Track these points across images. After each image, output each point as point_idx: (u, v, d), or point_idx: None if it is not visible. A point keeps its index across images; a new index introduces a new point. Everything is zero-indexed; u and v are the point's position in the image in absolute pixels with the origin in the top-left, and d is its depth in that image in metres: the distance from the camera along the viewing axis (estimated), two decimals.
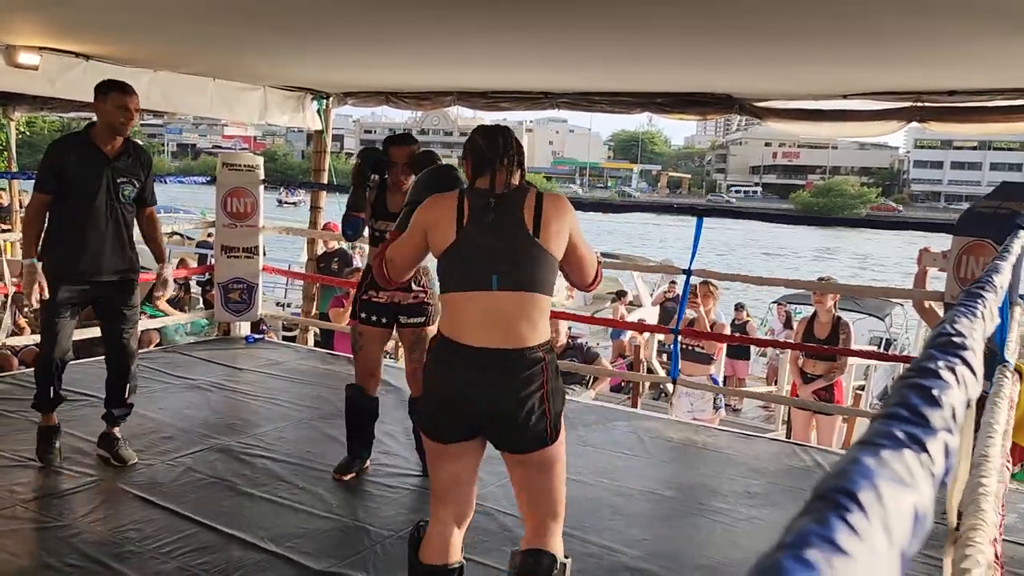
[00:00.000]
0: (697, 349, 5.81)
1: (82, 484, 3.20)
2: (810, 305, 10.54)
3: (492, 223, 2.06)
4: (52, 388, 3.47)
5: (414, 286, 3.34)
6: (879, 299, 10.74)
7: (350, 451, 3.48)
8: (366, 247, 4.17)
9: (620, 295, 11.47)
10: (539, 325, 2.06)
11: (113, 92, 3.27)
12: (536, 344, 2.05)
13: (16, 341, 5.59)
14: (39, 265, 3.29)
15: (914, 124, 4.71)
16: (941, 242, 4.25)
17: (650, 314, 10.92)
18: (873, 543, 0.27)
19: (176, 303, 7.39)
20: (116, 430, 3.53)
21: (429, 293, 3.39)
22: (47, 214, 3.32)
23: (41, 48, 4.70)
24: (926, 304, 4.21)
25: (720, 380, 6.70)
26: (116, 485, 3.21)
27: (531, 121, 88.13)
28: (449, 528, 2.17)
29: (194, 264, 10.20)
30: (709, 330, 5.69)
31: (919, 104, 4.50)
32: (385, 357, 5.20)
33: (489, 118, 6.65)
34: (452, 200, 2.11)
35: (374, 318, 3.35)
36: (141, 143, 3.68)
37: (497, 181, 2.10)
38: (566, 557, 2.22)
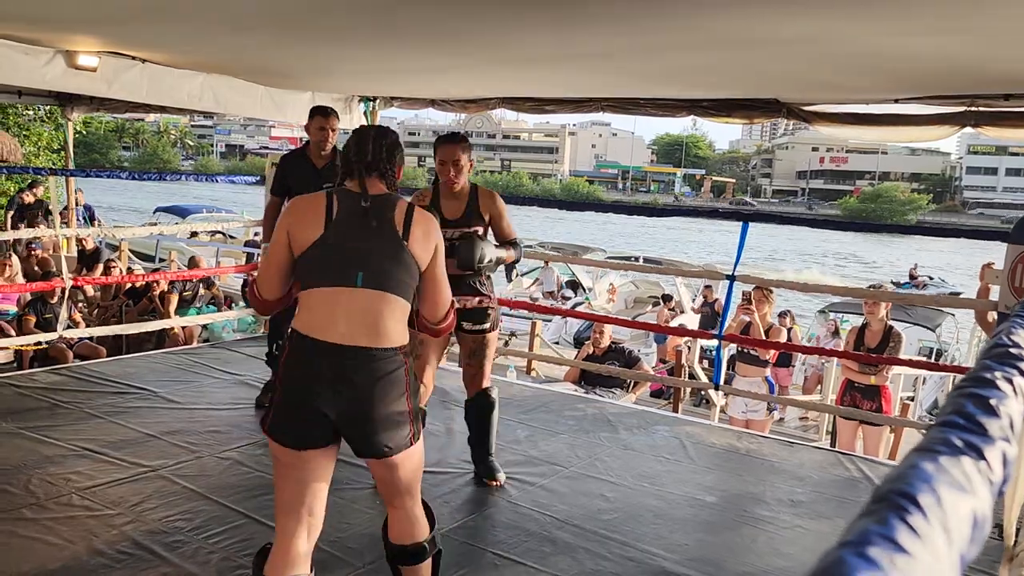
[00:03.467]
0: (753, 352, 5.78)
1: (135, 474, 3.29)
2: (854, 314, 10.43)
3: (363, 224, 2.06)
4: (276, 345, 4.27)
5: (480, 288, 3.28)
6: (931, 309, 10.52)
7: None
8: None
9: (665, 299, 11.40)
10: (399, 327, 2.04)
11: (315, 116, 4.14)
12: (398, 345, 2.02)
13: (72, 334, 5.76)
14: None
15: (968, 129, 4.61)
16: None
17: (691, 320, 10.85)
18: (933, 544, 0.28)
19: (213, 300, 7.54)
20: None
21: (493, 298, 3.34)
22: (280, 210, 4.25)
23: (99, 51, 4.85)
24: (989, 317, 4.10)
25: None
26: (167, 476, 3.29)
27: (574, 124, 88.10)
28: (293, 541, 2.05)
29: (241, 262, 10.40)
30: (764, 335, 5.64)
31: (973, 109, 4.40)
32: None
33: (533, 121, 6.77)
34: (320, 199, 2.10)
35: None
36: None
37: (368, 185, 2.11)
38: (431, 529, 2.26)
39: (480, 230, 3.24)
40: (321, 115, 4.13)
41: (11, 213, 9.76)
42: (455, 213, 3.23)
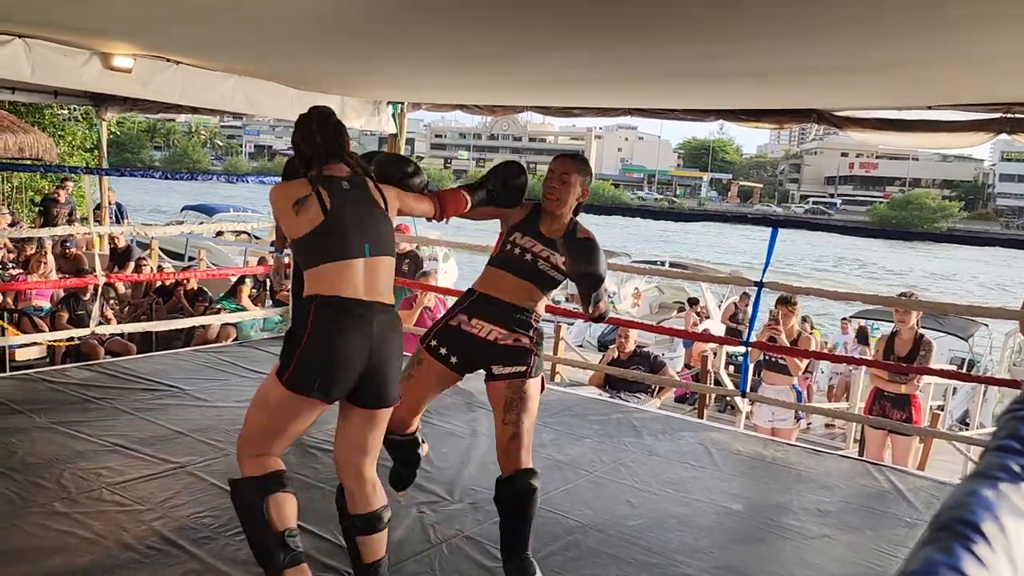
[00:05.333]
0: (780, 360, 5.73)
1: (163, 470, 3.33)
2: (881, 320, 10.29)
3: (354, 202, 2.32)
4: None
5: (515, 327, 2.63)
6: (963, 318, 10.36)
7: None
8: (440, 251, 4.20)
9: (692, 303, 11.31)
10: (392, 285, 2.37)
11: None
12: (394, 303, 2.35)
13: (104, 330, 5.84)
14: (284, 258, 4.47)
15: (1002, 136, 4.54)
16: None
17: (717, 327, 10.77)
18: (999, 573, 0.27)
19: (254, 300, 7.63)
20: None
21: (535, 340, 2.67)
22: None
23: (134, 54, 4.92)
24: None
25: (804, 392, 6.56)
26: (195, 473, 3.33)
27: (600, 128, 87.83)
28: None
29: (269, 262, 10.51)
30: (789, 346, 5.59)
31: (1008, 115, 4.33)
32: None
33: (559, 124, 6.80)
34: (305, 188, 2.29)
35: (443, 351, 2.67)
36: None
37: (335, 169, 2.34)
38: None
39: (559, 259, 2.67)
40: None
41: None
42: (554, 234, 2.68)
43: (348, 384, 2.25)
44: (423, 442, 2.97)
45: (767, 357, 5.82)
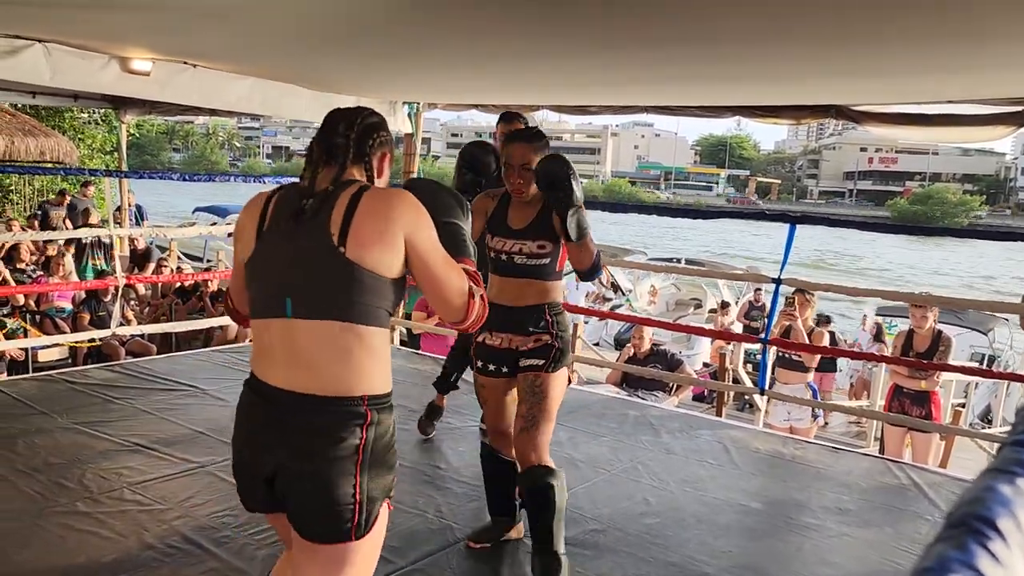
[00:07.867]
0: (795, 357, 5.69)
1: (184, 470, 3.36)
2: (901, 317, 10.19)
3: (293, 230, 1.58)
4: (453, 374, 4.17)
5: (531, 328, 2.61)
6: (982, 313, 10.24)
7: (490, 515, 2.94)
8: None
9: (723, 305, 11.30)
10: (362, 367, 1.54)
11: (499, 124, 3.96)
12: (356, 394, 1.53)
13: (125, 331, 5.90)
14: None
15: None
16: None
17: (735, 325, 10.73)
18: (1014, 571, 0.27)
19: None
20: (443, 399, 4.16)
21: (555, 334, 2.62)
22: None
23: (152, 57, 4.96)
24: None
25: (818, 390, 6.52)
26: (215, 472, 3.35)
27: (617, 125, 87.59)
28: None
29: None
30: (806, 338, 5.55)
31: None
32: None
33: (575, 122, 6.77)
34: (260, 201, 1.67)
35: (492, 367, 2.71)
36: None
37: (320, 175, 1.64)
38: None
39: (548, 246, 2.61)
40: (503, 122, 3.94)
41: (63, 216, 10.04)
42: (522, 221, 2.64)
43: (253, 493, 1.65)
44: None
45: (781, 354, 5.78)
